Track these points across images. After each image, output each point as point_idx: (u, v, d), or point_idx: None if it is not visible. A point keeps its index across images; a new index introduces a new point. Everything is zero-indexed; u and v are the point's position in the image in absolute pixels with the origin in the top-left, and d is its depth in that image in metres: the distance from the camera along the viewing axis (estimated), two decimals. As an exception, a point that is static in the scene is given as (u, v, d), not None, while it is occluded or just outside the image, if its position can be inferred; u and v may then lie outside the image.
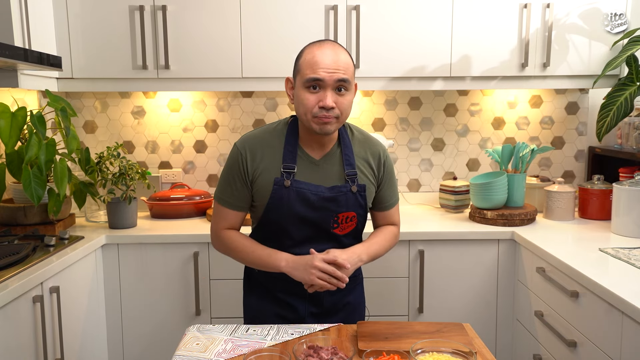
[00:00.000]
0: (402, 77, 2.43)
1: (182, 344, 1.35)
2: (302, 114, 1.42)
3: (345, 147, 1.51)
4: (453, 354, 1.18)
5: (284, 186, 1.46)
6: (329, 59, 1.38)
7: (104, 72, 2.39)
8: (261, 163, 1.48)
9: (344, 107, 1.42)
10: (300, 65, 1.43)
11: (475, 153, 2.83)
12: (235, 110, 2.76)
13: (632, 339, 1.44)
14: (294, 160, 1.47)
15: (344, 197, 1.49)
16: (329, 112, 1.39)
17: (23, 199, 2.24)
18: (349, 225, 1.53)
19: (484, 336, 2.28)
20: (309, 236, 1.51)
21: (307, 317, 1.58)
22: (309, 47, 1.44)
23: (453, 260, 2.27)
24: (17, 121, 1.94)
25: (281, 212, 1.48)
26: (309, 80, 1.38)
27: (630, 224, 2.11)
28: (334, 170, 1.50)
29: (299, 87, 1.42)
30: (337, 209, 1.49)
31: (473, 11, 2.39)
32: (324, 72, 1.37)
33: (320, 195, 1.47)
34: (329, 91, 1.39)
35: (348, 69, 1.41)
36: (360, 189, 1.51)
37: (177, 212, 2.53)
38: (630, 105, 2.27)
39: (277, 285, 1.56)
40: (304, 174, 1.48)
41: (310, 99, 1.40)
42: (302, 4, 2.36)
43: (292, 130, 1.50)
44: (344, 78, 1.39)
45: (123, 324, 2.27)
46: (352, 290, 1.63)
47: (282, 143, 1.49)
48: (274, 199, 1.47)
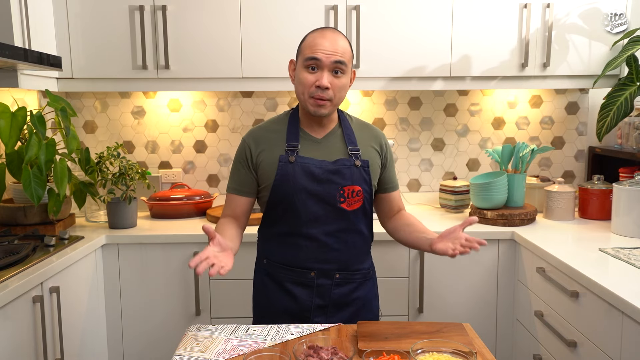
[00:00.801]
0: (402, 77, 2.43)
1: (182, 344, 1.35)
2: (300, 93, 1.52)
3: (346, 127, 1.60)
4: (453, 354, 1.18)
5: (288, 162, 1.52)
6: (328, 43, 1.48)
7: (104, 72, 2.39)
8: (265, 147, 1.56)
9: (338, 88, 1.49)
10: (301, 47, 1.52)
11: (475, 153, 2.83)
12: (235, 110, 2.76)
13: (632, 339, 1.44)
14: (297, 140, 1.55)
15: (349, 171, 1.54)
16: (323, 93, 1.47)
17: (23, 199, 2.24)
18: (355, 201, 1.55)
19: (484, 336, 2.28)
20: (317, 214, 1.54)
21: (313, 310, 1.58)
22: (312, 32, 1.54)
23: (453, 260, 2.27)
24: (17, 121, 1.94)
25: (287, 187, 1.52)
26: (307, 59, 1.47)
27: (630, 224, 2.11)
28: (337, 146, 1.57)
29: (299, 67, 1.51)
30: (342, 182, 1.54)
31: (473, 11, 2.39)
32: (321, 53, 1.46)
33: (324, 168, 1.53)
34: (325, 72, 1.47)
35: (345, 53, 1.50)
36: (364, 164, 1.56)
37: (177, 212, 2.53)
38: (630, 105, 2.27)
39: (284, 274, 1.58)
40: (307, 151, 1.55)
41: (308, 78, 1.48)
42: (302, 4, 2.36)
43: (294, 115, 1.60)
44: (341, 60, 1.47)
45: (123, 323, 2.27)
46: (360, 285, 1.63)
47: (285, 128, 1.58)
48: (280, 174, 1.52)
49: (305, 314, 1.58)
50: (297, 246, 1.56)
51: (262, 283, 1.64)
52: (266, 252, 1.64)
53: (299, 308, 1.58)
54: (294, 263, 1.57)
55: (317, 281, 1.56)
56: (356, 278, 1.61)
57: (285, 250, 1.58)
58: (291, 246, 1.57)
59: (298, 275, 1.57)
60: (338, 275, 1.58)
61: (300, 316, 1.58)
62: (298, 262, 1.56)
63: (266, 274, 1.63)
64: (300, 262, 1.56)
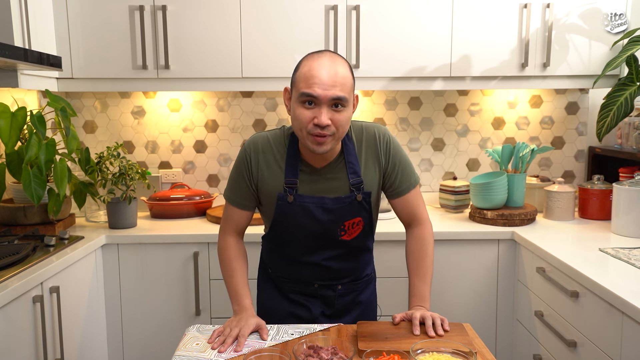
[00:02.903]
0: (402, 77, 2.43)
1: (182, 344, 1.35)
2: (298, 130, 1.38)
3: (349, 154, 1.47)
4: (453, 354, 1.18)
5: (287, 202, 1.45)
6: (326, 74, 1.31)
7: (104, 72, 2.39)
8: (265, 170, 1.47)
9: (341, 123, 1.35)
10: (296, 78, 1.37)
11: (475, 153, 2.83)
12: (235, 110, 2.76)
13: (632, 339, 1.44)
14: (295, 174, 1.45)
15: (349, 207, 1.47)
16: (323, 130, 1.33)
17: (23, 199, 2.23)
18: (355, 230, 1.52)
19: (484, 336, 2.28)
20: (318, 246, 1.52)
21: (319, 317, 1.59)
22: (307, 59, 1.37)
23: (453, 260, 2.27)
24: (17, 121, 1.94)
25: (287, 225, 1.49)
26: (303, 95, 1.33)
27: (630, 224, 2.11)
28: (338, 178, 1.47)
29: (295, 101, 1.36)
30: (342, 218, 1.48)
31: (473, 11, 2.39)
32: (319, 89, 1.31)
33: (324, 207, 1.45)
34: (324, 108, 1.32)
35: (345, 84, 1.34)
36: (366, 196, 1.47)
37: (177, 212, 2.53)
38: (631, 105, 2.27)
39: (288, 285, 1.59)
40: (306, 186, 1.46)
41: (305, 115, 1.34)
42: (302, 4, 2.36)
43: (293, 141, 1.47)
44: (340, 96, 1.32)
45: (123, 323, 2.27)
46: (364, 289, 1.64)
47: (284, 154, 1.47)
48: (279, 214, 1.48)
49: (312, 321, 1.59)
50: (299, 267, 1.56)
51: (267, 288, 1.65)
52: (270, 264, 1.64)
53: (305, 315, 1.59)
54: (297, 279, 1.58)
55: (321, 292, 1.58)
56: (359, 286, 1.62)
57: (288, 269, 1.58)
58: (293, 266, 1.57)
59: (302, 287, 1.58)
60: (340, 287, 1.58)
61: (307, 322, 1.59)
62: (301, 278, 1.57)
63: (270, 281, 1.64)
64: (303, 279, 1.57)
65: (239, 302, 1.48)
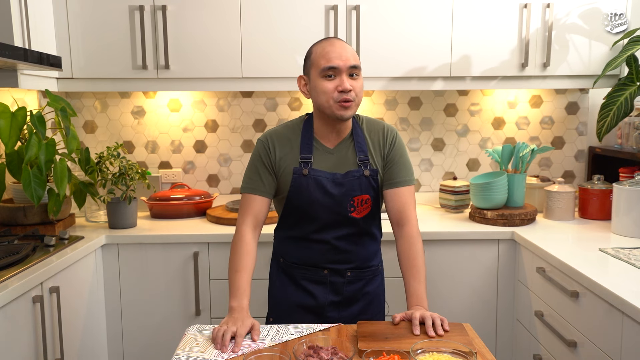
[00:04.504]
0: (402, 77, 2.43)
1: (182, 344, 1.35)
2: (324, 102, 1.52)
3: (358, 135, 1.61)
4: (453, 354, 1.18)
5: (302, 175, 1.57)
6: (340, 48, 1.52)
7: (104, 72, 2.39)
8: (282, 154, 1.59)
9: (358, 90, 1.53)
10: (312, 60, 1.55)
11: (475, 153, 2.82)
12: (235, 110, 2.76)
13: (632, 339, 1.44)
14: (310, 151, 1.58)
15: (358, 182, 1.58)
16: (348, 95, 1.50)
17: (23, 199, 2.23)
18: (364, 208, 1.61)
19: (484, 336, 2.28)
20: (329, 222, 1.60)
21: (327, 306, 1.65)
22: (318, 43, 1.57)
23: (453, 260, 2.27)
24: (17, 121, 1.94)
25: (301, 198, 1.57)
26: (325, 69, 1.50)
27: (630, 224, 2.11)
28: (348, 156, 1.60)
29: (316, 78, 1.53)
30: (352, 193, 1.58)
31: (473, 11, 2.39)
32: (338, 60, 1.50)
33: (336, 181, 1.57)
34: (344, 76, 1.51)
35: (356, 56, 1.55)
36: (373, 172, 1.59)
37: (177, 212, 2.53)
38: (631, 105, 2.27)
39: (299, 272, 1.65)
40: (320, 162, 1.58)
41: (328, 86, 1.51)
42: (302, 4, 2.36)
43: (307, 125, 1.62)
44: (356, 64, 1.52)
45: (123, 324, 2.27)
46: (371, 280, 1.70)
47: (299, 137, 1.61)
48: (294, 186, 1.57)
49: (319, 310, 1.65)
50: (310, 248, 1.63)
51: (279, 279, 1.71)
52: (282, 252, 1.71)
53: (314, 304, 1.65)
54: (307, 262, 1.64)
55: (330, 279, 1.64)
56: (366, 275, 1.68)
57: (299, 251, 1.65)
58: (305, 248, 1.64)
59: (312, 274, 1.64)
60: (350, 273, 1.65)
61: (315, 311, 1.65)
62: (311, 261, 1.64)
63: (282, 271, 1.70)
64: (313, 262, 1.64)
65: (238, 299, 1.48)
